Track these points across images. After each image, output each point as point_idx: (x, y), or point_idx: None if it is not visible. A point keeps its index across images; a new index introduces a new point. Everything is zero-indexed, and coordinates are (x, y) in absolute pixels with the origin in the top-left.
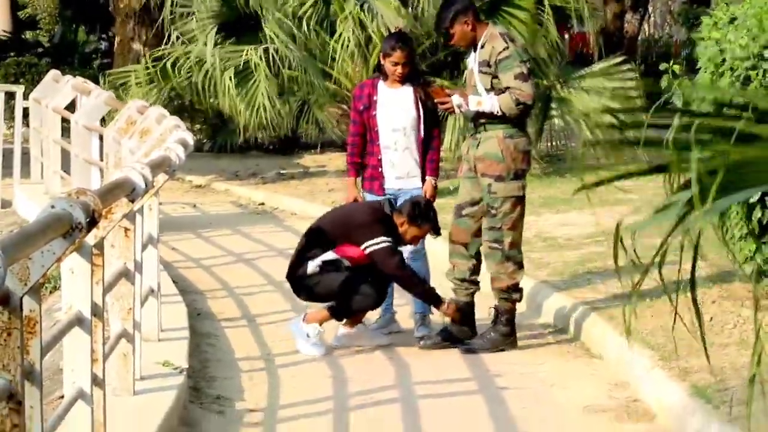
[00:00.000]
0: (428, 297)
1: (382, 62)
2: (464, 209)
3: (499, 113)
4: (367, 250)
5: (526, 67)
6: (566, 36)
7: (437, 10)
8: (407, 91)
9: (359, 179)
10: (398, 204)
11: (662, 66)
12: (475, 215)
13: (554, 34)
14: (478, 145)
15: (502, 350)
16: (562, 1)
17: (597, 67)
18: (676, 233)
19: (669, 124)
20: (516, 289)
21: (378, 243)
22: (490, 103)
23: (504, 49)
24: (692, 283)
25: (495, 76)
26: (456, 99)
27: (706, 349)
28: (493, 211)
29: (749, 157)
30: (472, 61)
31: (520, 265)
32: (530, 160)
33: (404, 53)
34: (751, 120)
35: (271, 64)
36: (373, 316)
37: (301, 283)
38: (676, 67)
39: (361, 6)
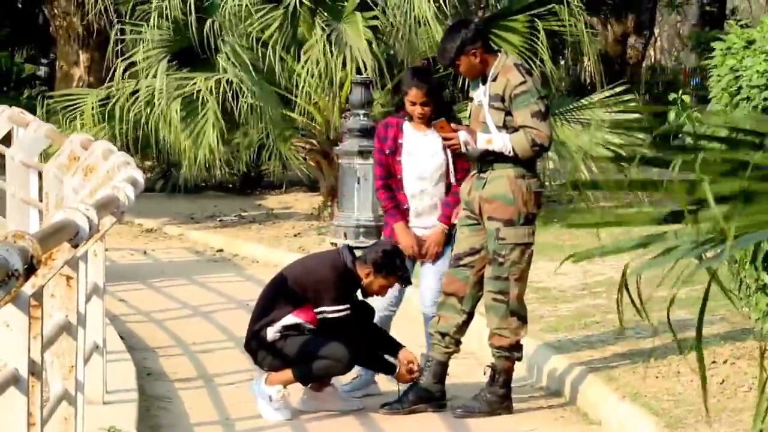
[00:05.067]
0: (380, 368)
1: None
2: (462, 259)
3: (511, 154)
4: (320, 317)
5: (544, 104)
6: (561, 63)
7: (442, 40)
8: (435, 134)
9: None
10: None
11: (671, 96)
12: (475, 265)
13: (548, 62)
14: (484, 186)
15: (499, 414)
16: (557, 25)
17: (596, 97)
18: (686, 279)
19: (675, 160)
20: (518, 347)
21: (332, 312)
22: (502, 143)
23: (521, 83)
24: (698, 336)
25: (508, 113)
26: (463, 135)
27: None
28: (500, 260)
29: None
30: (481, 94)
31: (524, 321)
32: (541, 203)
33: (421, 91)
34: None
35: (227, 94)
36: (347, 376)
37: (261, 353)
38: (686, 98)
39: (329, 35)
